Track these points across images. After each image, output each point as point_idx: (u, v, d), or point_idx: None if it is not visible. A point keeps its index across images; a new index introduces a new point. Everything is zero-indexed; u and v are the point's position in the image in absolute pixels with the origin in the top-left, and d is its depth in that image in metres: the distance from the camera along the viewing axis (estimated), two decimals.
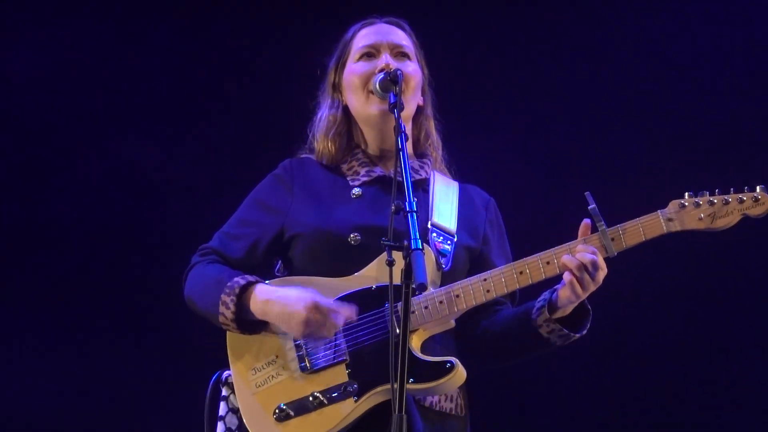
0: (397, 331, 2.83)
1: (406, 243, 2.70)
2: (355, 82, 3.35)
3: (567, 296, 3.03)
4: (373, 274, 3.11)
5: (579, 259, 2.99)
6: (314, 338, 3.03)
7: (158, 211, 5.24)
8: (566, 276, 3.00)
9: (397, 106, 3.02)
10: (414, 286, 2.66)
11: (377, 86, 3.20)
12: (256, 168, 3.50)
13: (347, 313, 3.01)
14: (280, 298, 3.05)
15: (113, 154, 5.26)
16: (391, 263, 2.73)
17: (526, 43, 5.22)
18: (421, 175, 3.34)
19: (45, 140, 5.26)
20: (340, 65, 3.45)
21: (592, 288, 3.02)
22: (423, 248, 2.72)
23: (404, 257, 2.70)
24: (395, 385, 2.63)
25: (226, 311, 3.09)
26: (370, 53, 3.37)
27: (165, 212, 5.23)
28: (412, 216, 2.76)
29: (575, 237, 3.07)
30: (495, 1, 5.25)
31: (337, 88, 3.45)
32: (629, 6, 5.17)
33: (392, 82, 3.13)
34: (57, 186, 5.24)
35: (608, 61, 5.14)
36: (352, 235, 3.16)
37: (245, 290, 3.09)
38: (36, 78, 5.23)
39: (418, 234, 2.72)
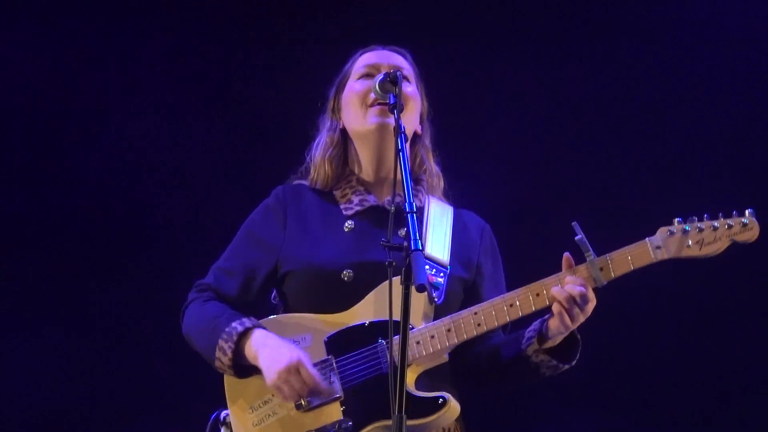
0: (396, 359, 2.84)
1: (405, 244, 2.71)
2: (353, 98, 3.36)
3: (556, 327, 3.05)
4: (366, 309, 3.13)
5: (568, 291, 3.00)
6: (281, 394, 3.04)
7: (155, 234, 5.28)
8: (555, 308, 3.02)
9: (396, 106, 3.01)
10: (414, 286, 2.65)
11: (377, 87, 3.17)
12: (256, 164, 3.49)
13: (324, 388, 3.04)
14: (273, 347, 3.08)
15: (106, 153, 5.29)
16: (390, 264, 2.74)
17: (520, 67, 5.22)
18: (415, 203, 3.33)
19: (39, 135, 5.29)
20: (340, 88, 3.46)
21: (581, 319, 3.04)
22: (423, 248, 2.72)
23: (404, 258, 2.70)
24: (395, 385, 2.64)
25: (223, 357, 3.12)
26: (370, 73, 3.38)
27: (162, 238, 5.28)
28: (411, 217, 2.76)
29: None
30: (491, 24, 5.25)
31: (336, 111, 3.46)
32: (618, 33, 5.18)
33: (392, 83, 3.12)
34: (54, 181, 5.27)
35: (599, 87, 5.15)
36: (344, 272, 3.18)
37: (242, 336, 3.12)
38: (31, 70, 5.24)
39: (417, 235, 2.72)
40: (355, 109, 3.34)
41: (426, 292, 3.10)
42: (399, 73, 3.13)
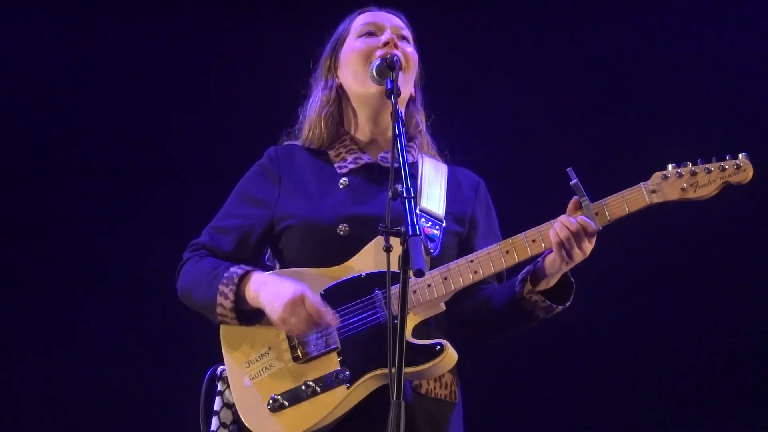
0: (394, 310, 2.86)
1: (403, 229, 2.70)
2: (355, 57, 3.34)
3: (551, 264, 3.03)
4: (361, 263, 3.13)
5: (563, 224, 2.99)
6: (289, 326, 3.04)
7: (148, 203, 5.31)
8: (554, 243, 3.00)
9: (394, 92, 3.02)
10: (412, 271, 2.64)
11: (374, 72, 3.19)
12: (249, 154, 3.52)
13: (329, 318, 3.02)
14: (274, 283, 3.08)
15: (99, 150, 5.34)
16: (388, 249, 2.72)
17: (513, 22, 5.25)
18: (408, 159, 3.33)
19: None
20: (338, 47, 3.44)
21: (579, 258, 3.02)
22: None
23: (402, 243, 2.69)
24: (393, 370, 2.62)
25: (225, 302, 3.11)
26: (372, 32, 3.37)
27: (155, 203, 5.30)
28: (409, 202, 2.76)
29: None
30: None
31: (332, 70, 3.44)
32: None
33: (389, 68, 3.13)
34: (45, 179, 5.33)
35: (592, 39, 5.19)
36: (340, 226, 3.18)
37: (242, 279, 3.12)
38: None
39: (415, 220, 2.71)
40: (357, 68, 3.32)
41: (423, 244, 3.09)
42: (396, 58, 3.13)
